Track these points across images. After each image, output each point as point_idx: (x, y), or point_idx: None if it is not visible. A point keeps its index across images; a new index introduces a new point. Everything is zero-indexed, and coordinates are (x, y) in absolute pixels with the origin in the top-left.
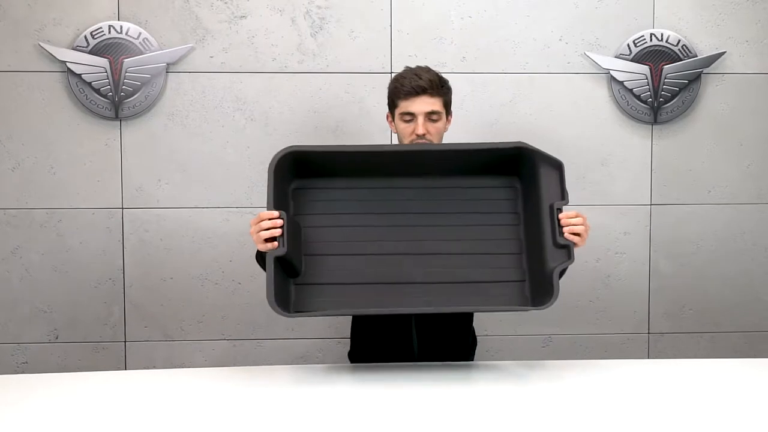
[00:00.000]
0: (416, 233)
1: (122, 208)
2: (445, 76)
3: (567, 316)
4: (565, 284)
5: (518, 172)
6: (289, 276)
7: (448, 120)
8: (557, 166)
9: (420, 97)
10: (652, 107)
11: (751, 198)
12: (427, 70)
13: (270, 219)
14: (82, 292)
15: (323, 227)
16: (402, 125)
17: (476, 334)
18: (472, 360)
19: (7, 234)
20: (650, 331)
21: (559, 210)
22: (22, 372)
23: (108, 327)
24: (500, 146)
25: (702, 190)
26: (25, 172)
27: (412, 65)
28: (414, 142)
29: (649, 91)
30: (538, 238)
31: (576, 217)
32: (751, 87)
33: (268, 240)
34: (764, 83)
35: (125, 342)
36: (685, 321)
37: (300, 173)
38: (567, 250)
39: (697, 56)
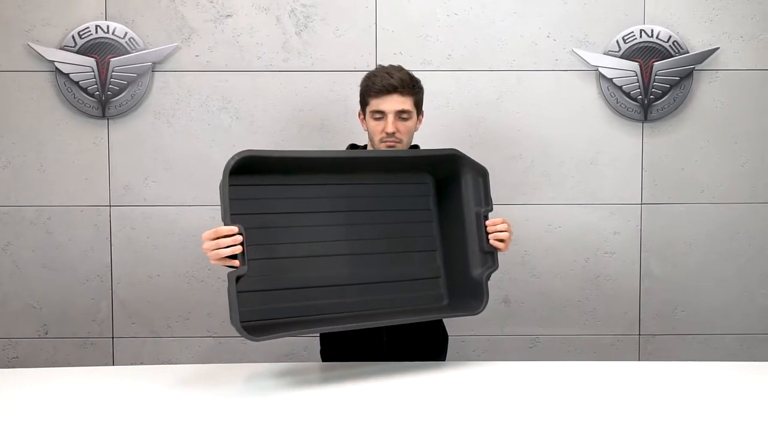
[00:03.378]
0: (342, 233)
1: (110, 206)
2: (430, 74)
3: (555, 316)
4: (553, 284)
5: (447, 175)
6: None
7: (419, 119)
8: (482, 174)
9: (391, 96)
10: (642, 105)
11: (746, 197)
12: (399, 69)
13: (230, 236)
14: (71, 289)
15: (252, 229)
16: (372, 123)
17: (463, 333)
18: (444, 355)
19: None
20: (641, 333)
21: (486, 217)
22: (13, 367)
23: (96, 323)
24: (435, 153)
25: (695, 189)
26: (16, 170)
27: (394, 63)
28: (384, 142)
29: (639, 88)
30: (460, 242)
31: (501, 223)
32: (746, 84)
33: (228, 256)
34: (760, 80)
35: (113, 338)
36: (677, 322)
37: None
38: (492, 255)
39: (688, 52)
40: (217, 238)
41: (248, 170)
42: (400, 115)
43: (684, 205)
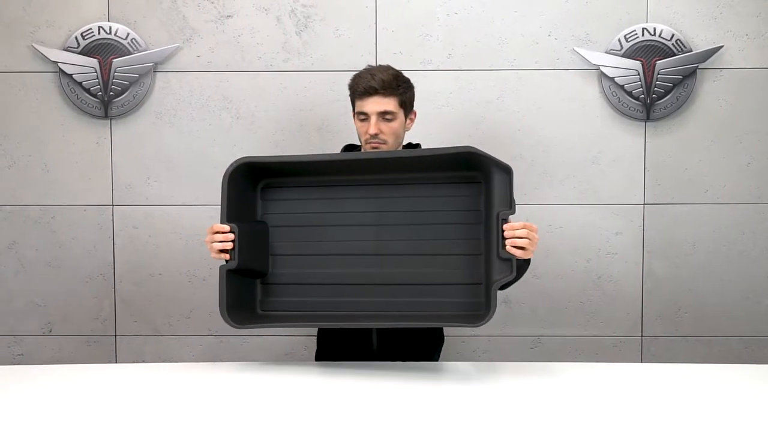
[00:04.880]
0: (378, 233)
1: (112, 205)
2: (431, 73)
3: (556, 317)
4: (554, 285)
5: (473, 174)
6: (255, 277)
7: (410, 119)
8: (506, 171)
9: (372, 98)
10: (644, 104)
11: (752, 198)
12: (384, 69)
13: (222, 233)
14: (75, 287)
15: (290, 227)
16: (358, 124)
17: (464, 334)
18: (437, 358)
19: (3, 230)
20: (643, 334)
21: (505, 220)
22: (18, 363)
23: (99, 321)
24: (450, 151)
25: (698, 189)
26: (20, 170)
27: (392, 63)
28: (368, 144)
29: (641, 87)
30: (486, 246)
31: (521, 228)
32: (751, 82)
33: (221, 250)
34: (764, 78)
35: (116, 336)
36: (680, 324)
37: (266, 174)
38: (509, 263)
39: (692, 51)
40: (214, 233)
41: (278, 173)
42: (383, 116)
43: (687, 205)
